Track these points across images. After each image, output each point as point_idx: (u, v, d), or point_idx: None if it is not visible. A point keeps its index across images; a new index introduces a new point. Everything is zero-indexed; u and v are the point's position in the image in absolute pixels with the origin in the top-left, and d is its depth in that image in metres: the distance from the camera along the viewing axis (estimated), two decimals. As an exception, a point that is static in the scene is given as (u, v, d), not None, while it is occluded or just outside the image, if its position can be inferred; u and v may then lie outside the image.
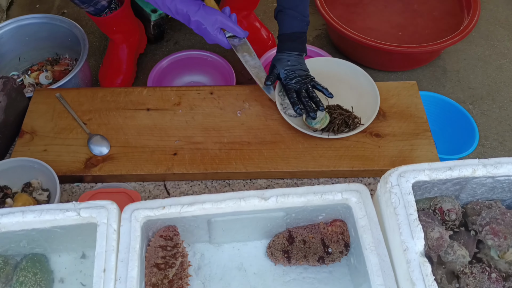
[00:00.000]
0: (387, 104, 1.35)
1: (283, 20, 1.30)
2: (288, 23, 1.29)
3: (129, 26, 1.65)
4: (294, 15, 1.28)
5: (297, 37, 1.29)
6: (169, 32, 1.95)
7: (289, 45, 1.29)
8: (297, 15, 1.28)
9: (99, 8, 1.50)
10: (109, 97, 1.33)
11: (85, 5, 1.46)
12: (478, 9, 1.77)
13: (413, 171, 0.86)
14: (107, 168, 1.19)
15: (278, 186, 1.22)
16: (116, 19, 1.56)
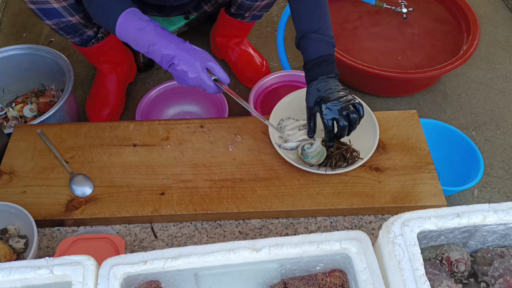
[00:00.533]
0: (387, 136, 1.28)
1: (306, 46, 1.16)
2: (312, 48, 1.15)
3: (117, 56, 1.59)
4: (319, 38, 1.15)
5: (323, 60, 1.16)
6: (160, 59, 1.88)
7: (317, 71, 1.15)
8: (322, 37, 1.16)
9: (85, 38, 1.44)
10: (94, 133, 1.26)
11: (70, 36, 1.40)
12: (478, 32, 1.71)
13: (418, 219, 0.79)
14: (90, 210, 1.11)
15: (273, 226, 1.14)
16: (103, 49, 1.50)
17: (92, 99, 1.62)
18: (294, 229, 1.14)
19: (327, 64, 1.16)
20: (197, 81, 1.09)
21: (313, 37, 1.15)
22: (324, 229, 1.14)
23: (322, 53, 1.15)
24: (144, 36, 1.06)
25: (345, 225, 1.15)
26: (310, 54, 1.16)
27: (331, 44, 1.17)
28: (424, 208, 1.15)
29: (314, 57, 1.15)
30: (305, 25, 1.17)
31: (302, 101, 1.31)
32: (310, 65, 1.16)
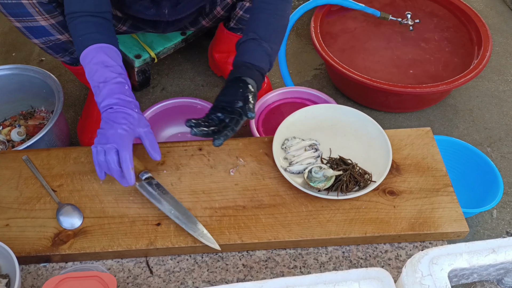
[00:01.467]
0: (400, 156, 1.18)
1: (254, 49, 1.07)
2: (260, 55, 1.07)
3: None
4: (269, 53, 1.07)
5: (256, 69, 1.06)
6: (156, 77, 1.81)
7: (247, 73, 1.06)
8: (271, 54, 1.08)
9: (76, 57, 1.36)
10: (84, 158, 1.17)
11: (59, 55, 1.32)
12: (490, 44, 1.63)
13: (448, 256, 0.69)
14: (79, 245, 1.01)
15: (280, 258, 1.05)
16: (95, 68, 1.41)
17: (84, 121, 1.53)
18: (303, 261, 1.04)
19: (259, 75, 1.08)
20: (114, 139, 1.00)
21: (266, 48, 1.07)
22: (336, 260, 1.04)
23: (263, 66, 1.08)
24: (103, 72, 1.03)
25: (358, 255, 1.05)
26: (255, 60, 1.07)
27: (269, 66, 1.10)
28: (444, 235, 1.06)
29: (256, 64, 1.07)
30: (263, 32, 1.08)
31: (308, 120, 1.23)
32: (244, 66, 1.07)
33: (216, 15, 1.48)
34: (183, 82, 1.79)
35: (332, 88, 1.80)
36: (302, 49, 1.96)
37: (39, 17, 1.21)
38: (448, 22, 1.84)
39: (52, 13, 1.21)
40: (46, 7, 1.20)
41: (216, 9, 1.46)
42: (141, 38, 1.67)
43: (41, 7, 1.19)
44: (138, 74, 1.68)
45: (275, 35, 1.11)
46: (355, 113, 1.23)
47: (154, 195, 1.06)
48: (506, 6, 2.15)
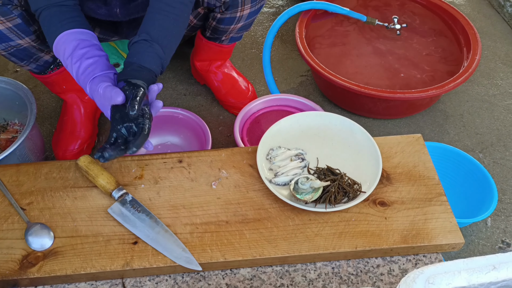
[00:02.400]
0: (391, 164, 1.13)
1: (144, 51, 1.00)
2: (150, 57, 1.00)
3: None
4: (160, 56, 1.01)
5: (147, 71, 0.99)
6: (137, 87, 1.74)
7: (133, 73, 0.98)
8: (163, 57, 1.01)
9: (42, 64, 1.28)
10: (56, 173, 1.10)
11: (24, 63, 1.25)
12: (479, 47, 1.59)
13: (445, 274, 0.63)
14: (49, 267, 0.94)
15: (266, 276, 0.98)
16: (65, 76, 1.34)
17: (58, 133, 1.46)
18: (290, 278, 0.98)
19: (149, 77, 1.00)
20: None
21: (157, 50, 1.00)
22: (325, 277, 0.98)
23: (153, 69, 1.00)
24: None
25: (349, 270, 0.99)
26: (144, 61, 0.99)
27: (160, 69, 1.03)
28: (439, 247, 1.00)
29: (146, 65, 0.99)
30: (155, 33, 1.01)
31: (293, 128, 1.18)
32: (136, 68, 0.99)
33: (190, 23, 1.42)
34: (164, 91, 1.73)
35: (319, 95, 1.75)
36: (288, 56, 1.91)
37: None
38: (436, 26, 1.81)
39: (8, 16, 1.12)
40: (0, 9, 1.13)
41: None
42: (120, 46, 1.61)
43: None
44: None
45: (169, 38, 1.04)
46: (342, 121, 1.17)
47: (128, 218, 1.00)
48: (494, 9, 2.13)
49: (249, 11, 1.34)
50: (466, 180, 1.38)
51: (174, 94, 1.72)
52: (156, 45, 1.01)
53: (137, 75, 0.97)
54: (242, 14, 1.35)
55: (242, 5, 1.31)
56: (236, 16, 1.34)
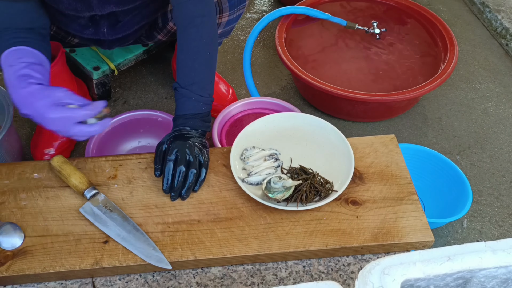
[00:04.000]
0: (364, 164, 1.14)
1: (177, 100, 1.12)
2: (181, 103, 1.11)
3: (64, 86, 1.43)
4: (188, 95, 1.10)
5: (190, 118, 1.10)
6: (117, 90, 1.75)
7: (182, 122, 1.10)
8: (192, 95, 1.10)
9: None
10: (29, 173, 1.10)
11: None
12: (455, 50, 1.61)
13: (401, 265, 0.64)
14: (18, 266, 0.94)
15: (237, 274, 0.98)
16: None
17: (38, 135, 1.46)
18: (261, 277, 0.98)
19: (193, 119, 1.11)
20: None
21: (184, 93, 1.11)
22: (296, 275, 0.98)
23: (188, 112, 1.11)
24: None
25: (320, 269, 1.00)
26: (178, 110, 1.12)
27: (202, 102, 1.12)
28: (409, 245, 1.01)
29: (180, 113, 1.12)
30: (179, 77, 1.12)
31: (267, 129, 1.19)
32: (177, 119, 1.12)
33: (170, 30, 1.44)
34: (146, 95, 1.73)
35: (299, 99, 1.76)
36: (270, 60, 1.92)
37: None
38: (414, 30, 1.83)
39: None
40: None
41: (168, 24, 1.42)
42: (101, 49, 1.62)
43: None
44: (97, 87, 1.61)
45: (192, 74, 1.12)
46: (316, 121, 1.18)
47: (99, 217, 1.00)
48: (473, 15, 2.16)
49: (227, 18, 1.36)
50: (443, 182, 1.39)
51: (155, 97, 1.73)
52: (183, 90, 1.10)
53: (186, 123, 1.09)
54: (221, 22, 1.36)
55: (220, 13, 1.33)
56: None
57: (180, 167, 1.02)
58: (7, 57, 1.02)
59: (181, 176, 1.02)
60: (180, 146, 1.04)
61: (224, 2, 1.30)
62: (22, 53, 1.02)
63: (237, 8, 1.34)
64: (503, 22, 1.98)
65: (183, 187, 1.03)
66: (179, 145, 1.04)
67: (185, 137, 1.06)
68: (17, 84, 0.97)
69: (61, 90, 0.98)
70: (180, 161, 1.02)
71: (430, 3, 2.22)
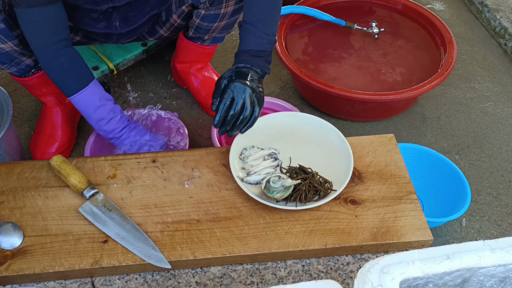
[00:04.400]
0: (363, 163, 1.14)
1: (241, 36, 1.15)
2: (244, 39, 1.14)
3: None
4: (253, 31, 1.13)
5: (253, 55, 1.13)
6: (117, 90, 1.75)
7: (245, 58, 1.13)
8: (256, 31, 1.13)
9: (23, 68, 1.29)
10: (28, 173, 1.10)
11: (5, 66, 1.25)
12: (454, 49, 1.61)
13: (400, 264, 0.64)
14: (17, 266, 0.94)
15: (236, 274, 0.98)
16: (45, 79, 1.35)
17: (37, 136, 1.46)
18: (260, 276, 0.98)
19: (255, 57, 1.14)
20: None
21: (248, 29, 1.14)
22: (296, 274, 0.99)
23: (252, 47, 1.14)
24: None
25: (319, 268, 1.00)
26: (242, 45, 1.15)
27: (266, 40, 1.15)
28: (408, 244, 1.01)
29: (243, 49, 1.15)
30: (246, 14, 1.16)
31: (267, 128, 1.19)
32: (240, 54, 1.15)
33: (173, 23, 1.43)
34: (145, 94, 1.74)
35: (298, 98, 1.77)
36: (269, 60, 1.92)
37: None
38: (413, 30, 1.83)
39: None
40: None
41: (172, 17, 1.41)
42: (99, 49, 1.62)
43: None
44: (96, 87, 1.61)
45: (258, 11, 1.14)
46: (315, 121, 1.19)
47: (98, 217, 1.00)
48: (472, 15, 2.16)
49: (233, 7, 1.35)
50: (441, 181, 1.39)
51: (154, 97, 1.73)
52: (250, 26, 1.13)
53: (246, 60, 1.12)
54: (226, 11, 1.35)
55: (227, 1, 1.32)
56: (221, 12, 1.35)
57: (236, 107, 1.08)
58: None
59: (234, 118, 1.09)
60: (238, 88, 1.08)
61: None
62: None
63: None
64: (502, 22, 1.99)
65: (232, 126, 1.10)
66: (238, 87, 1.08)
67: (245, 77, 1.10)
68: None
69: None
70: (236, 104, 1.08)
71: (429, 2, 2.22)
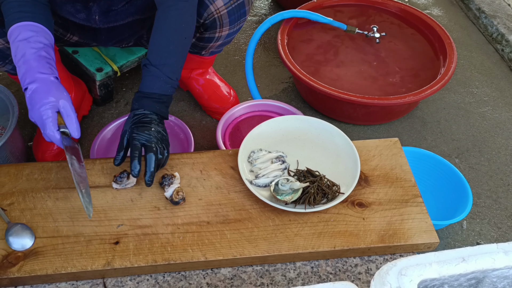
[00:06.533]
0: (369, 167, 1.16)
1: (145, 76, 1.11)
2: (149, 81, 1.10)
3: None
4: (158, 75, 1.10)
5: (154, 98, 1.10)
6: (120, 92, 1.75)
7: (145, 103, 1.09)
8: (161, 75, 1.10)
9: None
10: (37, 175, 1.10)
11: (0, 64, 1.26)
12: (454, 55, 1.64)
13: (417, 266, 0.66)
14: (29, 267, 0.94)
15: (246, 275, 1.00)
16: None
17: (39, 135, 1.46)
18: (270, 277, 0.99)
19: (156, 101, 1.10)
20: (38, 120, 1.01)
21: (153, 72, 1.10)
22: (305, 276, 1.00)
23: (155, 91, 1.10)
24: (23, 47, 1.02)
25: (328, 270, 1.01)
26: (145, 87, 1.10)
27: (170, 85, 1.12)
28: (415, 247, 1.03)
29: (146, 91, 1.10)
30: (152, 55, 1.12)
31: (274, 131, 1.20)
32: (140, 96, 1.10)
33: None
34: (148, 96, 1.74)
35: (300, 101, 1.78)
36: (270, 63, 1.94)
37: None
38: (413, 35, 1.86)
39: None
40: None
41: None
42: (104, 51, 1.62)
43: None
44: (100, 88, 1.62)
45: (165, 55, 1.12)
46: (322, 124, 1.20)
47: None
48: (469, 21, 2.19)
49: (227, 32, 1.37)
50: (442, 184, 1.42)
51: (157, 99, 1.73)
52: (152, 67, 1.09)
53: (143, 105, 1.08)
54: (221, 35, 1.38)
55: (221, 27, 1.35)
56: (215, 36, 1.38)
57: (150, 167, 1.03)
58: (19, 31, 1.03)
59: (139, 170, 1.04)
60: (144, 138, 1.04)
61: (224, 17, 1.32)
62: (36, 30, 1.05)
63: (238, 22, 1.36)
64: (499, 28, 2.02)
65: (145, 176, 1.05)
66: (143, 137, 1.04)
67: (148, 127, 1.06)
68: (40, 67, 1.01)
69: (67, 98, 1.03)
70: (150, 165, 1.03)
71: (427, 8, 2.25)
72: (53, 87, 1.01)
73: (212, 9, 1.29)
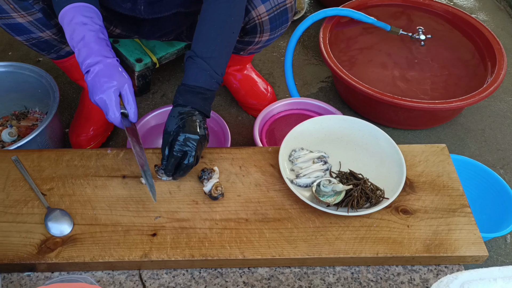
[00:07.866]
0: (414, 172, 1.12)
1: (189, 69, 1.05)
2: (193, 74, 1.04)
3: None
4: (204, 68, 1.04)
5: (199, 92, 1.04)
6: (157, 83, 1.74)
7: (189, 98, 1.04)
8: (208, 68, 1.04)
9: (64, 55, 1.29)
10: (77, 161, 1.09)
11: (45, 52, 1.26)
12: (504, 62, 1.58)
13: (481, 281, 0.62)
14: (67, 253, 0.93)
15: (284, 276, 0.97)
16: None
17: (75, 119, 1.46)
18: (308, 281, 0.96)
19: (201, 98, 1.05)
20: (101, 102, 1.00)
21: (199, 63, 1.05)
22: (345, 281, 0.97)
23: (201, 84, 1.05)
24: (81, 30, 1.01)
25: (368, 277, 0.98)
26: (189, 79, 1.05)
27: (215, 80, 1.06)
28: (462, 259, 0.99)
29: (191, 84, 1.05)
30: (198, 46, 1.06)
31: (316, 130, 1.17)
32: (184, 90, 1.05)
33: None
34: (185, 89, 1.72)
35: (338, 101, 1.74)
36: (309, 61, 1.90)
37: (15, 14, 1.14)
38: (460, 39, 1.80)
39: (29, 10, 1.14)
40: (21, 4, 1.13)
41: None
42: (144, 42, 1.61)
43: (15, 4, 1.13)
44: (138, 79, 1.61)
45: (213, 48, 1.06)
46: (366, 126, 1.16)
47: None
48: (517, 27, 2.12)
49: (268, 37, 1.35)
50: (486, 194, 1.36)
51: (194, 92, 1.72)
52: (198, 59, 1.05)
53: (183, 99, 1.04)
54: (261, 39, 1.35)
55: (261, 33, 1.32)
56: (255, 40, 1.36)
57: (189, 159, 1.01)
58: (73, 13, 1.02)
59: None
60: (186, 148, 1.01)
61: (265, 24, 1.28)
62: (89, 11, 1.03)
63: (279, 29, 1.33)
64: (549, 36, 1.94)
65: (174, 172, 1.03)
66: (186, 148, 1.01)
67: (195, 131, 1.01)
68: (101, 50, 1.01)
69: (129, 82, 1.04)
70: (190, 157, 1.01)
71: (473, 12, 2.18)
72: (115, 70, 1.01)
73: (254, 14, 1.26)
